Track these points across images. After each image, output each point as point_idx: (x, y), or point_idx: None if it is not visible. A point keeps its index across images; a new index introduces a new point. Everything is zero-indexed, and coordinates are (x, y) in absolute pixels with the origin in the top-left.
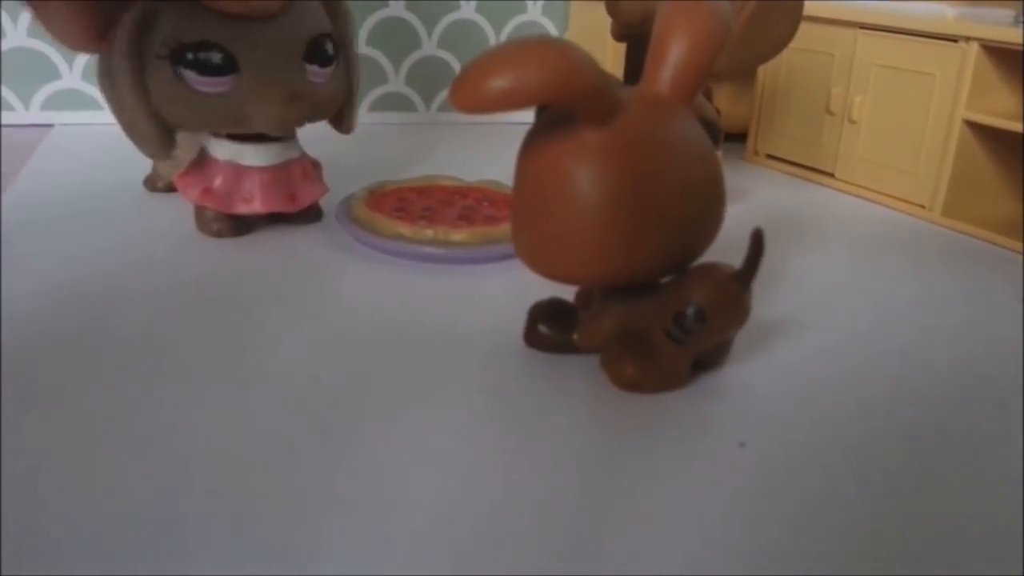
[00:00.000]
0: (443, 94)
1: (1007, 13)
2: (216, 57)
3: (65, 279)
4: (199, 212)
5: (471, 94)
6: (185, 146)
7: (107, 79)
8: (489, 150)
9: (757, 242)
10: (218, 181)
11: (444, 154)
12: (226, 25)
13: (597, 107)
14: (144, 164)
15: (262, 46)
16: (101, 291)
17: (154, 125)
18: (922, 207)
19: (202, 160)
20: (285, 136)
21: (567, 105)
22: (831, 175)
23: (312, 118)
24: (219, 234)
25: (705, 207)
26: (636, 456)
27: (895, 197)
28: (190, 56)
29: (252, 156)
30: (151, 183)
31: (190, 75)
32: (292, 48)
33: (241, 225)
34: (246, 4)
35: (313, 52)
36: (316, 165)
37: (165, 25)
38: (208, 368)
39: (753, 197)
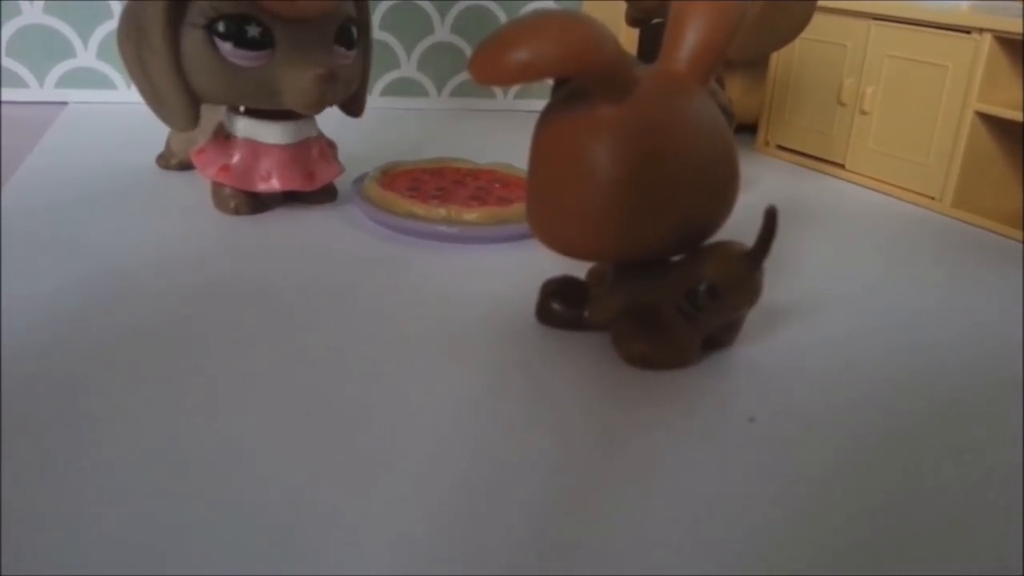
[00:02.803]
0: (455, 80)
1: (1019, 5)
2: (254, 30)
3: (78, 260)
4: (216, 189)
5: (490, 66)
6: (202, 121)
7: (131, 43)
8: (501, 134)
9: (770, 220)
10: (236, 158)
11: (456, 138)
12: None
13: (614, 83)
14: (157, 142)
15: (298, 24)
16: (118, 272)
17: (183, 94)
18: (932, 198)
19: (220, 137)
20: (303, 115)
21: (585, 79)
22: (842, 166)
23: (336, 99)
24: (236, 211)
25: (719, 185)
26: (646, 430)
27: (905, 188)
28: (228, 27)
29: (271, 134)
30: (163, 160)
31: (226, 47)
32: (325, 29)
33: (258, 203)
34: (294, 5)
35: (342, 35)
36: (332, 145)
37: None
38: (224, 345)
39: (764, 187)
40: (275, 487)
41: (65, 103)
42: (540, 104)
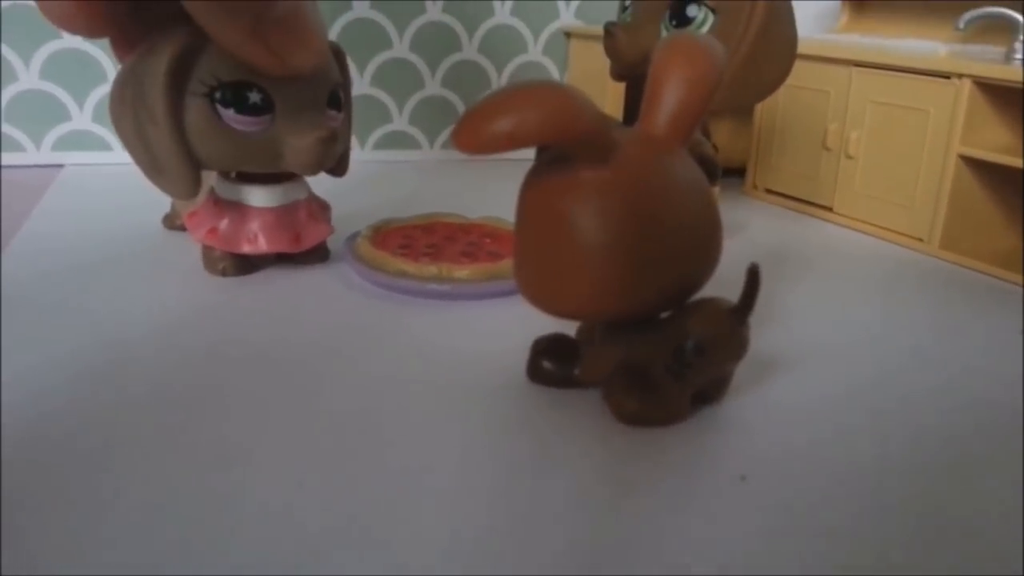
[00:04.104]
0: (446, 132)
1: (997, 50)
2: (255, 96)
3: (75, 328)
4: (206, 251)
5: (473, 137)
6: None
7: (130, 115)
8: (492, 186)
9: (753, 278)
10: (224, 221)
11: (448, 191)
12: None
13: (595, 148)
14: (156, 203)
15: (296, 89)
16: (117, 339)
17: (187, 163)
18: (920, 240)
19: (210, 200)
20: (291, 177)
21: (566, 146)
22: (829, 209)
23: (333, 160)
24: (224, 273)
25: (702, 244)
26: (639, 489)
27: (893, 231)
28: (230, 94)
29: (258, 197)
30: (169, 221)
31: (228, 113)
32: (320, 92)
33: (247, 264)
34: (287, 66)
35: (332, 99)
36: (324, 207)
37: (202, 63)
38: (220, 411)
39: (752, 230)
40: (278, 555)
41: (62, 166)
42: (529, 153)
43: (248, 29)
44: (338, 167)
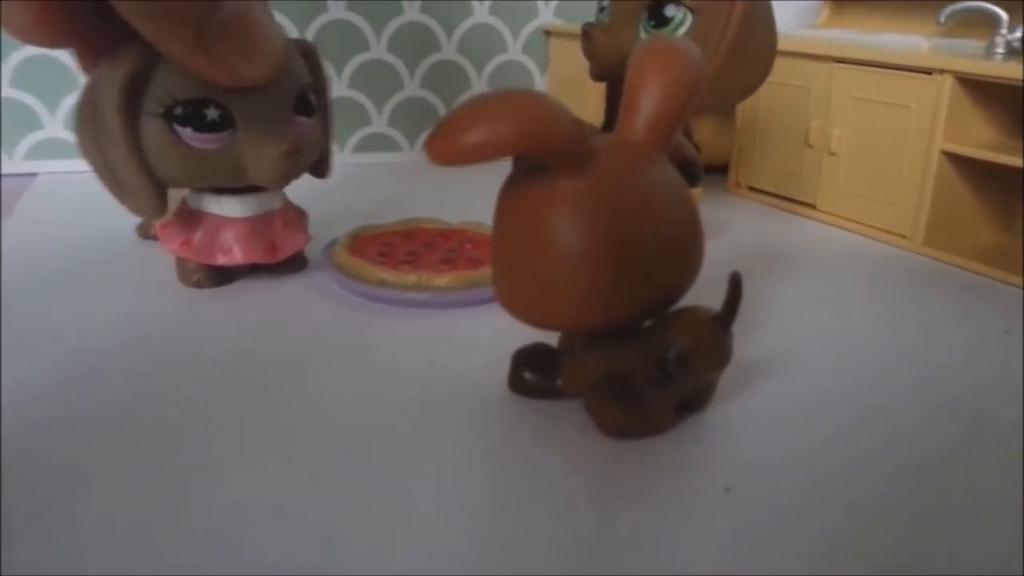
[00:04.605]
0: (426, 134)
1: (978, 44)
2: (213, 113)
3: (49, 340)
4: (180, 263)
5: (446, 148)
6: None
7: (89, 136)
8: (472, 188)
9: (735, 286)
10: (198, 232)
11: (428, 193)
12: None
13: (571, 157)
14: (125, 211)
15: (256, 100)
16: (90, 351)
17: (148, 183)
18: (904, 237)
19: (183, 211)
20: (265, 187)
21: (541, 155)
22: (812, 206)
23: (303, 170)
24: (199, 284)
25: (683, 252)
26: (622, 502)
27: (877, 227)
28: (186, 113)
29: (232, 207)
30: (143, 230)
31: (186, 132)
32: (283, 101)
33: (222, 275)
34: (236, 77)
35: (300, 104)
36: (301, 214)
37: (157, 82)
38: (196, 423)
39: (735, 229)
40: (254, 569)
41: (35, 174)
42: (507, 159)
43: (192, 37)
44: (319, 169)
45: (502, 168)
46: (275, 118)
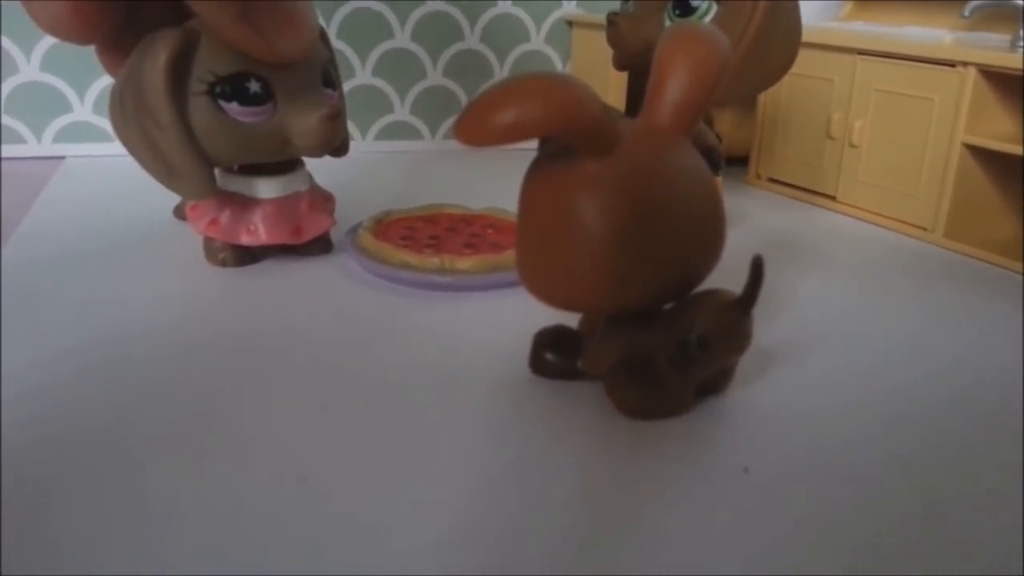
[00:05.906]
0: (448, 122)
1: (1003, 37)
2: (255, 86)
3: (77, 322)
4: (207, 242)
5: (475, 129)
6: None
7: (134, 124)
8: (494, 176)
9: (757, 269)
10: (226, 212)
11: (450, 181)
12: None
13: (598, 140)
14: (156, 194)
15: (292, 74)
16: (120, 332)
17: (200, 164)
18: (924, 229)
19: None
20: (293, 168)
21: (569, 138)
22: (833, 198)
23: (340, 136)
24: (224, 263)
25: (705, 236)
26: (641, 482)
27: (897, 219)
28: (230, 88)
29: (260, 188)
30: (179, 211)
31: (232, 107)
32: (314, 73)
33: (247, 255)
34: (274, 51)
35: (325, 77)
36: (328, 198)
37: (198, 61)
38: (224, 403)
39: (755, 220)
40: (281, 547)
41: (63, 157)
42: (532, 143)
43: (236, 8)
44: (340, 147)
45: (523, 157)
46: (309, 89)
